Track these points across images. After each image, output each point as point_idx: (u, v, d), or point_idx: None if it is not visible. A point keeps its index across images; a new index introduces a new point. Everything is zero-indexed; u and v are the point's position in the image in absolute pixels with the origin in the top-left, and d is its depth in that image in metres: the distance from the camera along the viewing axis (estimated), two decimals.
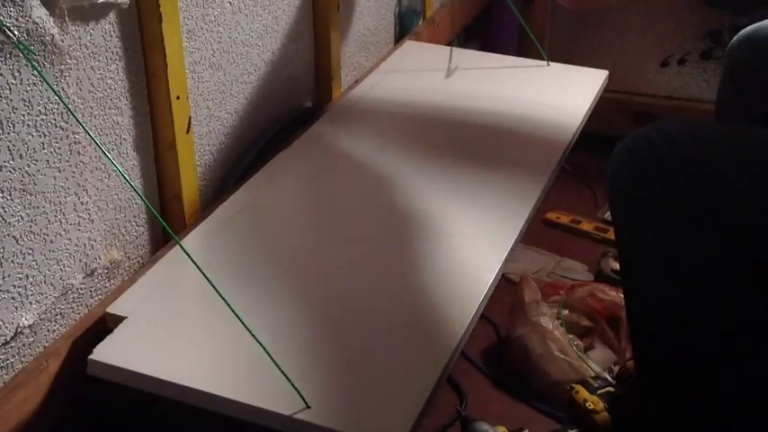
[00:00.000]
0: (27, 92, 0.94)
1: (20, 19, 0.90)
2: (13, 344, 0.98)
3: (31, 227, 0.98)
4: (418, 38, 1.87)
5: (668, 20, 2.09)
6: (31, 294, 0.99)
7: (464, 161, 1.39)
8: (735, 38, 1.27)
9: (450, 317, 1.05)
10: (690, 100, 2.14)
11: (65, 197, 1.02)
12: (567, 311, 1.50)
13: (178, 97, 1.16)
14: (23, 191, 0.96)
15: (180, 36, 1.16)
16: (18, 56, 0.91)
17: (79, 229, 1.05)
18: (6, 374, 0.98)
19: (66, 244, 1.04)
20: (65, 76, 0.98)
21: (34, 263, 0.99)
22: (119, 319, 1.04)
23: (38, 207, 0.98)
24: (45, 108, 0.96)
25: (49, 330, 1.04)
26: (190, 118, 1.20)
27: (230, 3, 1.29)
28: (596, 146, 2.00)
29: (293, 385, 0.90)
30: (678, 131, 0.95)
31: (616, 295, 1.50)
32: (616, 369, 1.37)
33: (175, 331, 1.04)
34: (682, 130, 0.95)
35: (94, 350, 0.99)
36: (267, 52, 1.42)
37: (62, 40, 0.96)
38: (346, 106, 1.55)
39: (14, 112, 0.93)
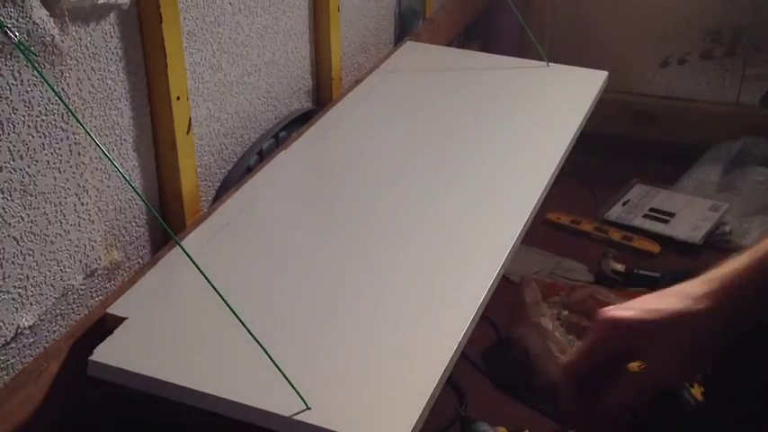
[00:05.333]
0: (27, 92, 0.94)
1: (20, 19, 0.90)
2: (13, 345, 0.98)
3: (31, 228, 0.98)
4: (418, 38, 1.87)
5: (668, 20, 2.09)
6: (32, 295, 0.99)
7: (464, 161, 1.39)
8: None
9: (451, 317, 1.05)
10: (690, 100, 2.14)
11: (65, 198, 1.02)
12: (566, 312, 1.50)
13: (178, 98, 1.16)
14: (24, 192, 0.96)
15: (180, 37, 1.16)
16: (18, 56, 0.91)
17: (79, 230, 1.05)
18: (7, 375, 0.98)
19: (67, 245, 1.04)
20: (65, 77, 0.98)
21: (34, 264, 0.99)
22: (119, 320, 1.04)
23: (38, 208, 0.98)
24: (45, 109, 0.97)
25: (49, 331, 1.04)
26: (190, 118, 1.20)
27: (230, 3, 1.29)
28: (596, 146, 2.01)
29: (293, 386, 0.90)
30: None
31: (615, 298, 1.49)
32: None
33: (175, 332, 1.04)
34: None
35: (95, 351, 0.99)
36: (267, 52, 1.42)
37: (62, 41, 0.96)
38: (346, 106, 1.55)
39: (15, 113, 0.93)
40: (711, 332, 0.72)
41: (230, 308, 0.91)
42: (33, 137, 0.96)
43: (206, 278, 0.92)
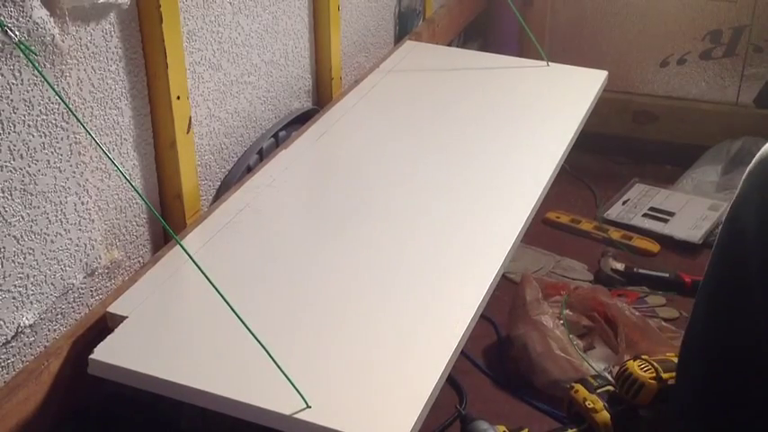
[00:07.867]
0: (28, 92, 0.94)
1: (21, 19, 0.90)
2: (13, 343, 0.98)
3: (31, 227, 0.98)
4: (418, 38, 1.87)
5: (668, 20, 2.09)
6: (32, 294, 1.00)
7: (464, 161, 1.39)
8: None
9: (450, 316, 1.05)
10: (689, 100, 2.14)
11: (65, 197, 1.02)
12: (568, 311, 1.50)
13: (178, 97, 1.16)
14: (24, 191, 0.96)
15: (180, 36, 1.16)
16: (19, 56, 0.91)
17: (80, 229, 1.05)
18: (7, 374, 0.98)
19: (67, 244, 1.04)
20: (65, 77, 0.99)
21: (35, 262, 0.99)
22: (119, 319, 1.04)
23: (38, 207, 0.98)
24: (46, 108, 0.97)
25: (49, 330, 1.04)
26: (190, 118, 1.20)
27: (231, 3, 1.29)
28: (596, 146, 2.01)
29: (293, 385, 0.90)
30: None
31: (617, 299, 1.50)
32: (616, 369, 1.37)
33: (176, 331, 1.04)
34: None
35: (95, 350, 0.99)
36: (267, 52, 1.42)
37: (63, 41, 0.97)
38: (346, 106, 1.55)
39: (15, 113, 0.93)
40: None
41: (230, 307, 0.91)
42: (34, 136, 0.96)
43: (206, 277, 0.92)
